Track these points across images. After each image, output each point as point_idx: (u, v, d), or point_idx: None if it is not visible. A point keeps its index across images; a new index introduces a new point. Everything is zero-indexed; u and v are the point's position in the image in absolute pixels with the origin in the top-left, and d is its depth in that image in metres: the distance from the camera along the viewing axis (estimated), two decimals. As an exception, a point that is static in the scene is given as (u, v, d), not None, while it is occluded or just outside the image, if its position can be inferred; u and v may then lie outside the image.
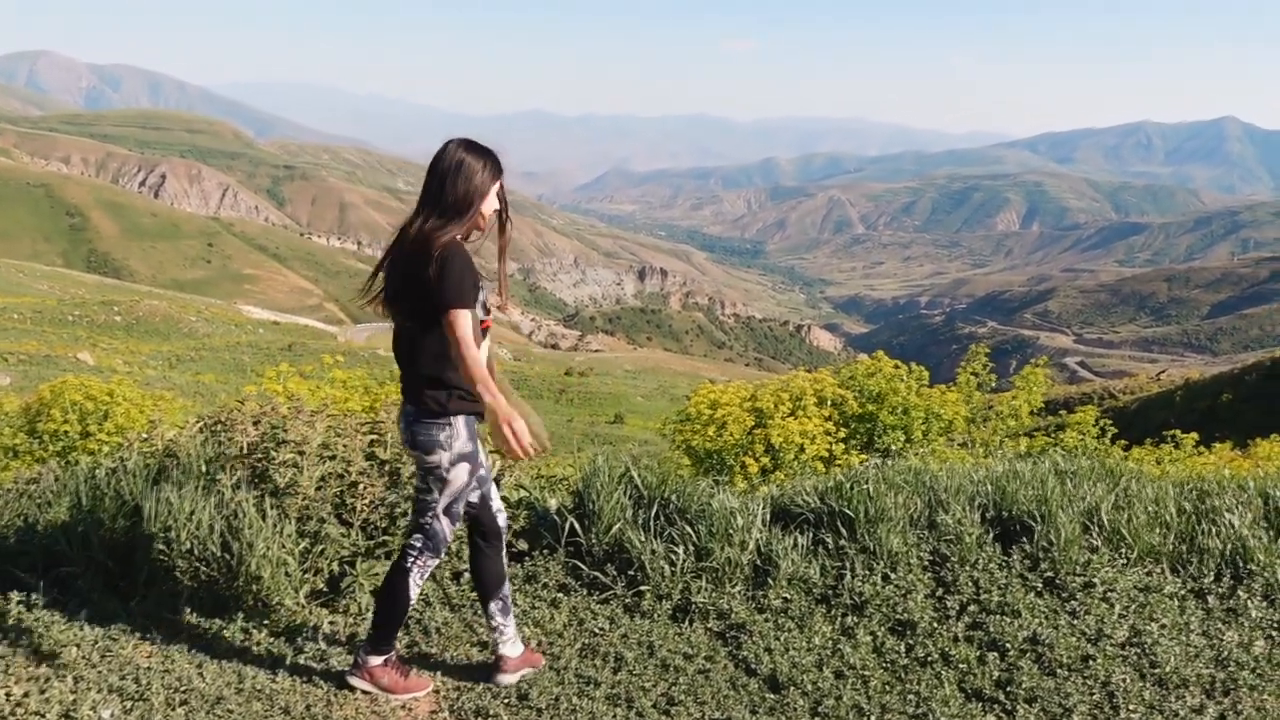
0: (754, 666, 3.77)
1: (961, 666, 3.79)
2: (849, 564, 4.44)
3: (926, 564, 4.52)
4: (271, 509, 3.95)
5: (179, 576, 3.90)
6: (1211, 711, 3.56)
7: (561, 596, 4.26)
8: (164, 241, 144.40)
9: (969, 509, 4.80)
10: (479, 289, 3.21)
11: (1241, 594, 4.39)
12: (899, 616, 4.13)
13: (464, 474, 3.35)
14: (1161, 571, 4.58)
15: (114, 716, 3.16)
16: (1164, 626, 4.11)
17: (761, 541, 4.49)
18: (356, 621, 3.97)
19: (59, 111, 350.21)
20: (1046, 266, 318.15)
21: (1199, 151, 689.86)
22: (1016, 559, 4.56)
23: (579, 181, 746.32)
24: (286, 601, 3.90)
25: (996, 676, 3.73)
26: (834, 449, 7.67)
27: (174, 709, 3.24)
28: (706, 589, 4.28)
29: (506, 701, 3.48)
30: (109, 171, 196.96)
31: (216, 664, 3.55)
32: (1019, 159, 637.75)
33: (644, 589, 4.26)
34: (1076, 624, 4.12)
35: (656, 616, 4.13)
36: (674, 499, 4.61)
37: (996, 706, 3.57)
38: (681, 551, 4.37)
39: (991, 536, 4.70)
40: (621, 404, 49.08)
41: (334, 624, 3.94)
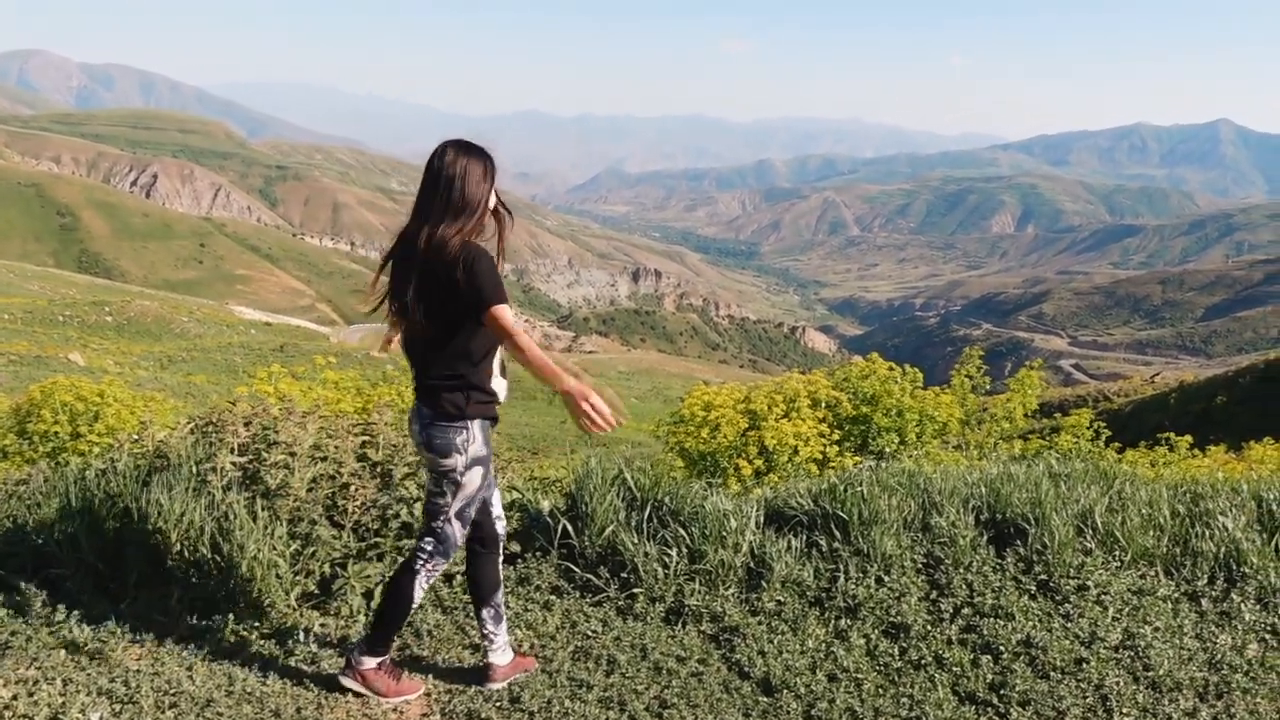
0: (747, 669, 3.76)
1: (955, 669, 3.78)
2: (843, 567, 4.43)
3: (920, 567, 4.51)
4: (263, 510, 3.93)
5: (169, 578, 3.88)
6: (1204, 715, 3.56)
7: (554, 599, 4.25)
8: (156, 242, 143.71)
9: (963, 512, 4.80)
10: None
11: (1235, 597, 4.39)
12: (892, 619, 4.12)
13: (478, 478, 3.35)
14: (1155, 574, 4.58)
15: (103, 719, 3.14)
16: (1157, 629, 4.11)
17: (755, 544, 4.48)
18: (348, 624, 3.96)
19: (50, 111, 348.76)
20: (1041, 269, 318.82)
21: (1193, 154, 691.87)
22: (1010, 562, 4.55)
23: (573, 182, 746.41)
24: (277, 603, 3.88)
25: (990, 679, 3.72)
26: (828, 451, 7.66)
27: (163, 712, 3.22)
28: (700, 591, 4.27)
29: (498, 705, 3.46)
30: (100, 171, 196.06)
31: (207, 666, 3.53)
32: (1013, 161, 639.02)
33: (637, 591, 4.25)
34: (1070, 627, 4.11)
35: (649, 619, 4.12)
36: (667, 501, 4.61)
37: (990, 710, 3.56)
38: (675, 554, 4.37)
39: (985, 539, 4.69)
40: (615, 405, 48.87)
41: (325, 626, 3.92)
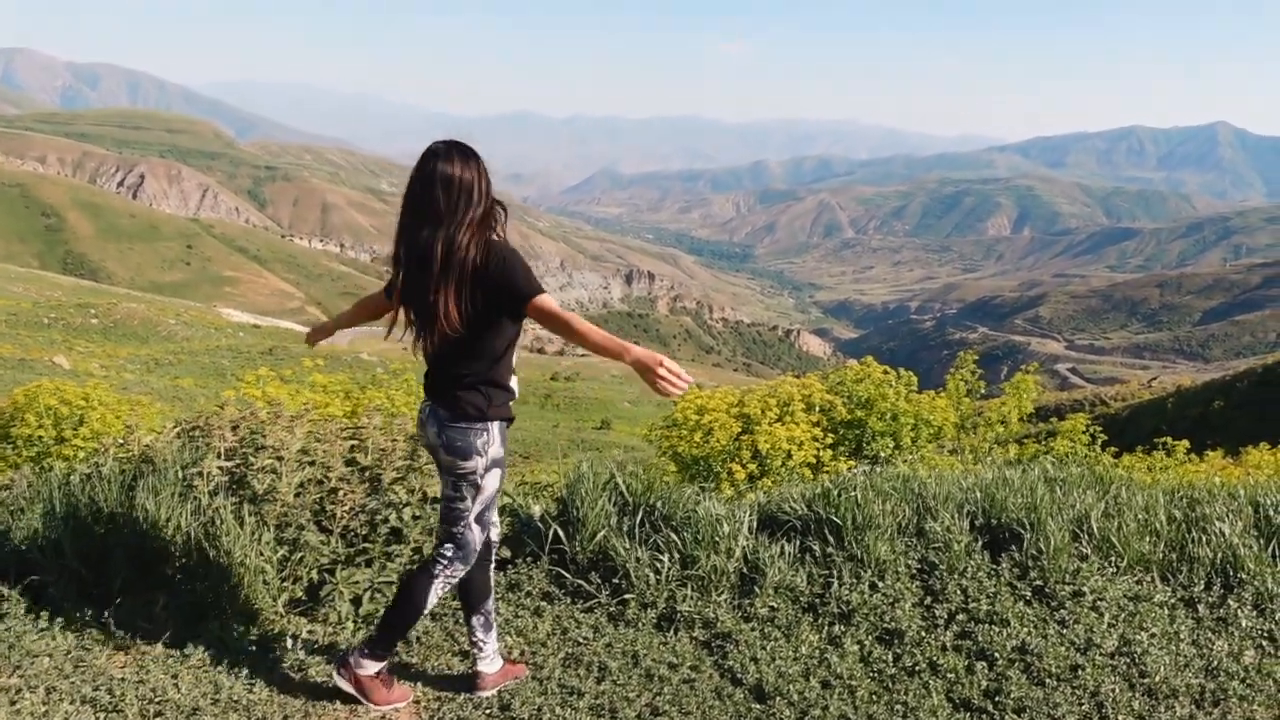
0: (740, 676, 3.72)
1: (949, 676, 3.75)
2: (836, 572, 4.39)
3: (914, 572, 4.48)
4: (250, 516, 3.89)
5: (155, 585, 3.83)
6: (1201, 722, 3.53)
7: (545, 605, 4.21)
8: (142, 243, 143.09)
9: (958, 516, 4.76)
10: None
11: (1231, 603, 4.36)
12: (886, 625, 4.09)
13: (496, 480, 3.31)
14: (1151, 580, 4.55)
15: (85, 729, 3.10)
16: (1153, 636, 4.08)
17: (748, 549, 4.44)
18: (336, 630, 3.91)
19: (36, 110, 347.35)
20: (1038, 272, 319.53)
21: (1191, 157, 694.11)
22: (1005, 567, 4.52)
23: (566, 184, 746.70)
24: (264, 610, 3.84)
25: (985, 686, 3.69)
26: (822, 455, 7.62)
27: (148, 720, 3.17)
28: (692, 597, 4.23)
29: (488, 712, 3.42)
30: (86, 171, 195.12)
31: (192, 674, 3.48)
32: (1010, 163, 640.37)
33: (628, 597, 4.20)
34: (1065, 633, 4.08)
35: (641, 625, 4.08)
36: (660, 506, 4.56)
37: (985, 716, 3.53)
38: (667, 559, 4.33)
39: (980, 544, 4.66)
40: (608, 409, 48.80)
41: (313, 633, 3.87)
